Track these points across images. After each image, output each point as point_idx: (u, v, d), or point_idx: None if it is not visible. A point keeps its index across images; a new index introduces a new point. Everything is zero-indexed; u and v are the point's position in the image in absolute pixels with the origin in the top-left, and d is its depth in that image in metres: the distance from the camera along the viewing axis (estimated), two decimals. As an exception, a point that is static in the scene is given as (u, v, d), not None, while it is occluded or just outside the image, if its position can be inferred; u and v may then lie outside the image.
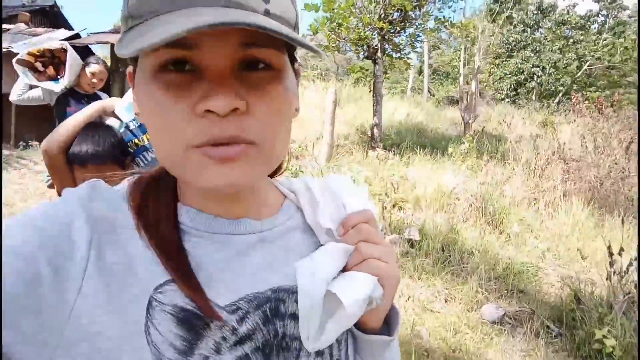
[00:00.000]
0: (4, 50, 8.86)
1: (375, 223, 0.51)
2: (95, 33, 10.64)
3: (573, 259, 4.58)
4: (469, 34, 26.34)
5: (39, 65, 3.33)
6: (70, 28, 12.44)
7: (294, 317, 0.46)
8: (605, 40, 22.14)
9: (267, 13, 0.38)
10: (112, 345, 0.37)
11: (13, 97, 3.37)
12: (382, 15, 8.18)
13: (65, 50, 3.23)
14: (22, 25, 10.82)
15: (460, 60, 25.20)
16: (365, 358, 0.54)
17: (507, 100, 21.54)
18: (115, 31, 10.54)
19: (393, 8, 8.08)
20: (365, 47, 8.97)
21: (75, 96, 3.40)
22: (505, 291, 3.87)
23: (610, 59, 22.09)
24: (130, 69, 0.45)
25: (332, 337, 0.46)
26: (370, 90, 9.54)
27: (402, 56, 9.28)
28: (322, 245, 0.50)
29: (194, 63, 0.39)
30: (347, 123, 11.88)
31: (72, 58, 3.22)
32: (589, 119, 9.58)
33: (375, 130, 9.30)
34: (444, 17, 8.81)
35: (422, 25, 8.76)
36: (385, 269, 0.47)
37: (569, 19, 22.22)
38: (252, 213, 0.49)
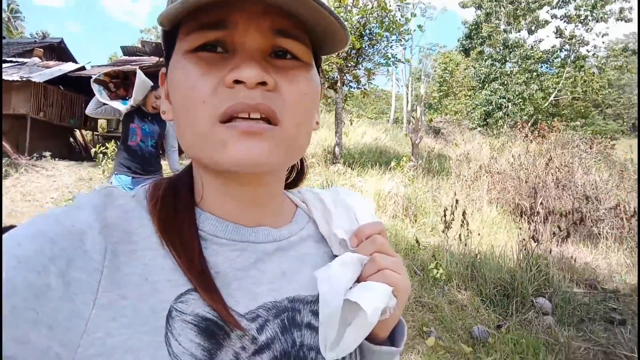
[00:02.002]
0: (24, 78, 10.60)
1: (386, 235, 0.51)
2: (98, 66, 12.38)
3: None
4: (447, 67, 28.45)
5: (111, 85, 3.77)
6: (75, 61, 14.29)
7: (310, 327, 0.46)
8: (567, 73, 24.23)
9: None
10: (131, 359, 0.35)
11: (89, 111, 3.78)
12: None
13: (135, 74, 3.59)
14: (36, 59, 12.69)
15: (440, 92, 27.31)
16: None
17: (477, 129, 23.27)
18: (114, 64, 12.37)
19: (345, 47, 9.82)
20: (326, 78, 10.69)
21: (140, 114, 3.77)
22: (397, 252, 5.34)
23: (572, 91, 24.21)
24: (163, 70, 0.45)
25: (351, 346, 0.45)
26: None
27: (360, 87, 11.01)
28: (335, 255, 0.51)
29: (226, 43, 0.40)
30: (317, 144, 13.59)
31: (140, 81, 3.53)
32: (529, 142, 11.29)
33: (336, 149, 10.91)
34: (390, 54, 10.57)
35: (374, 61, 10.52)
36: (399, 279, 0.47)
37: (532, 54, 24.35)
38: (269, 221, 0.48)
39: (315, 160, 11.15)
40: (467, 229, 4.73)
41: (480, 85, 25.90)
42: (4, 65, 11.89)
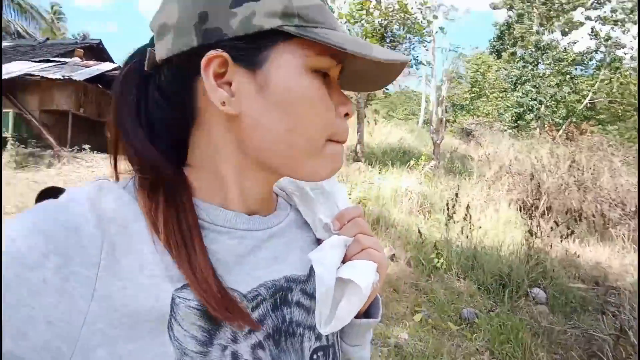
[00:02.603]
0: (66, 77, 11.40)
1: (364, 217, 0.55)
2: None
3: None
4: (478, 68, 28.12)
5: None
6: (112, 61, 15.15)
7: (299, 304, 0.49)
8: (603, 75, 23.58)
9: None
10: (133, 347, 0.36)
11: None
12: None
13: None
14: (77, 59, 13.58)
15: (472, 93, 27.07)
16: (349, 341, 0.56)
17: (508, 131, 22.96)
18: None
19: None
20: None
21: None
22: (406, 244, 5.59)
23: (609, 93, 23.55)
24: (216, 53, 0.41)
25: (345, 320, 0.48)
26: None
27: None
28: (317, 238, 0.54)
29: (330, 74, 0.46)
30: (341, 143, 13.87)
31: None
32: (557, 145, 11.24)
33: (358, 147, 11.18)
34: (413, 56, 10.76)
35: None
36: (380, 257, 0.51)
37: (566, 56, 23.82)
38: (261, 210, 0.50)
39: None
40: (470, 223, 4.92)
41: (511, 87, 25.49)
42: (47, 65, 12.80)
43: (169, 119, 0.46)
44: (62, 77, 11.55)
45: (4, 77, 11.84)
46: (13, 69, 12.39)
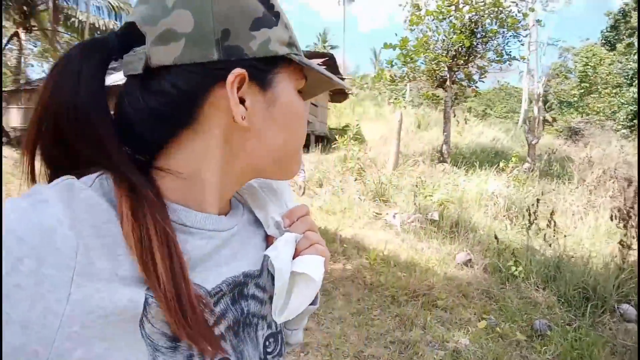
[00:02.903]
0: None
1: (310, 215, 0.60)
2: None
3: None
4: (589, 61, 25.63)
5: None
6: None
7: (254, 297, 0.53)
8: None
9: None
10: (108, 346, 0.37)
11: None
12: (447, 51, 9.91)
13: None
14: None
15: (580, 89, 24.73)
16: (289, 326, 0.62)
17: (622, 131, 20.65)
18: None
19: (454, 45, 9.75)
20: (437, 77, 10.71)
21: None
22: (485, 250, 5.37)
23: None
24: (240, 72, 0.44)
25: (299, 310, 0.53)
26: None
27: (470, 85, 10.81)
28: (268, 235, 0.57)
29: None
30: (427, 142, 13.60)
31: None
32: None
33: (444, 147, 10.87)
34: (504, 51, 10.17)
35: (487, 58, 10.25)
36: (325, 252, 0.56)
37: (697, 45, 20.72)
38: (224, 210, 0.53)
39: (421, 159, 11.25)
40: (555, 231, 4.61)
41: (627, 82, 22.81)
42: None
43: (154, 121, 0.45)
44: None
45: (111, 83, 13.37)
46: (116, 78, 13.91)
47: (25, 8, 15.09)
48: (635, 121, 21.08)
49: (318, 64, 0.53)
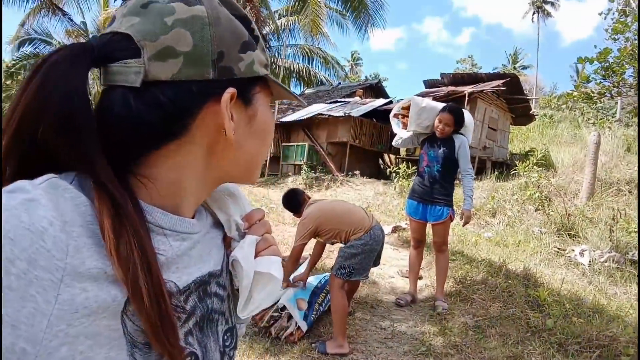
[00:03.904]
0: (346, 114, 13.58)
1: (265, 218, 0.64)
2: (398, 100, 14.40)
3: None
4: None
5: (401, 117, 4.11)
6: (386, 97, 17.08)
7: (216, 295, 0.56)
8: None
9: None
10: (91, 343, 0.39)
11: (394, 142, 4.12)
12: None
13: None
14: (357, 98, 16.19)
15: None
16: (237, 320, 0.65)
17: None
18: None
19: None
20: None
21: (431, 140, 3.83)
22: None
23: None
24: (233, 91, 0.49)
25: (262, 306, 0.59)
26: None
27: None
28: (228, 237, 0.61)
29: None
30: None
31: (413, 110, 3.80)
32: None
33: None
34: None
35: None
36: (280, 253, 0.62)
37: None
38: (192, 213, 0.55)
39: (627, 188, 9.33)
40: None
41: None
42: (335, 105, 15.68)
43: (144, 131, 0.46)
44: (343, 114, 13.87)
45: (304, 117, 14.93)
46: (311, 110, 15.56)
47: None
48: None
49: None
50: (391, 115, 4.21)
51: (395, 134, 4.13)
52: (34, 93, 0.41)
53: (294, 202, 3.26)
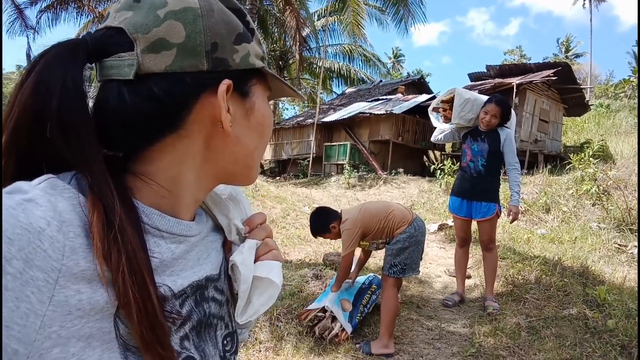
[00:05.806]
0: (388, 111, 13.40)
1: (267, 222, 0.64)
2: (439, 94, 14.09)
3: None
4: None
5: (441, 110, 3.96)
6: (430, 92, 16.72)
7: (214, 299, 0.55)
8: None
9: None
10: (84, 345, 0.38)
11: (432, 138, 3.99)
12: None
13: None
14: (399, 95, 15.96)
15: None
16: (239, 326, 0.65)
17: None
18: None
19: None
20: None
21: (474, 134, 3.65)
22: None
23: None
24: (229, 82, 0.49)
25: (260, 311, 0.57)
26: None
27: None
28: (229, 241, 0.60)
29: None
30: None
31: (457, 102, 3.64)
32: None
33: None
34: None
35: None
36: (281, 258, 0.61)
37: None
38: (190, 216, 0.55)
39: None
40: None
41: None
42: (376, 103, 15.51)
43: (142, 124, 0.46)
44: (385, 112, 13.69)
45: (345, 116, 14.93)
46: (352, 109, 15.53)
47: (280, 62, 18.88)
48: None
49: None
50: (430, 108, 4.07)
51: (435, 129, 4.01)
52: (29, 91, 0.41)
53: (329, 218, 3.03)
